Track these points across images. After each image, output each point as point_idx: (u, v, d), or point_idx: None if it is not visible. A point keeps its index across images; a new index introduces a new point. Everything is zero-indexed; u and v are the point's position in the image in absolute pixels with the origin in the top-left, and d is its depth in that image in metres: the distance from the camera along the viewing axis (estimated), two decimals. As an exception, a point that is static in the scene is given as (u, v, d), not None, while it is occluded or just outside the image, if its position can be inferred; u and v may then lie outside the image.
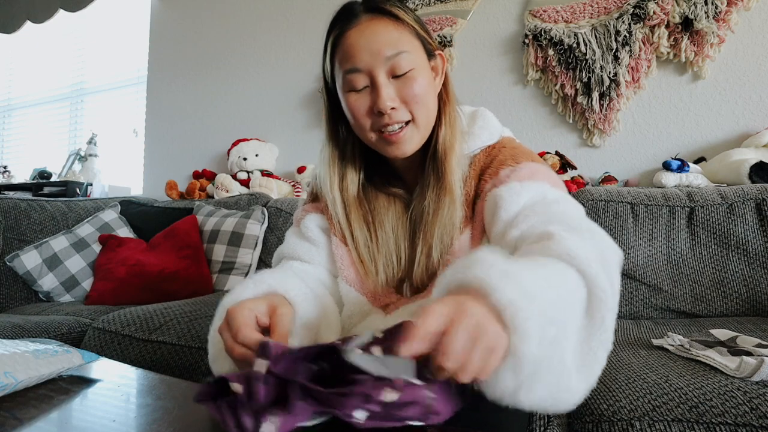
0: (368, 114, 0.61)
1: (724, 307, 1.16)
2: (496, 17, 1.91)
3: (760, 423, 0.59)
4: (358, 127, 0.64)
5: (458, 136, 0.65)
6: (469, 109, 0.73)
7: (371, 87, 0.61)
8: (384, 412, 0.35)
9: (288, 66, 2.36)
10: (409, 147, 0.63)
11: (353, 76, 0.61)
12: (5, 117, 3.67)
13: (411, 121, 0.62)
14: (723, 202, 1.22)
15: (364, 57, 0.59)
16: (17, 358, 0.52)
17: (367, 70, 0.60)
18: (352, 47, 0.60)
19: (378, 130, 0.62)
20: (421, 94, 0.61)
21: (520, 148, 0.66)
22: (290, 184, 2.17)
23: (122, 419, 0.45)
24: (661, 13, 1.58)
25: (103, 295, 1.59)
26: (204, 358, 0.98)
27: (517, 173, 0.59)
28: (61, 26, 3.30)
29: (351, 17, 0.61)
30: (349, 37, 0.60)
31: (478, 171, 0.65)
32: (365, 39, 0.60)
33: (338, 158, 0.69)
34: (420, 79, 0.61)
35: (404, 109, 0.61)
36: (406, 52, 0.60)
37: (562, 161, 1.64)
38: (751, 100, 1.54)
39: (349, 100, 0.62)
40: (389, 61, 0.59)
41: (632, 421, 0.63)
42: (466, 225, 0.64)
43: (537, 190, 0.57)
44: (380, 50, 0.59)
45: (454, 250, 0.63)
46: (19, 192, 2.66)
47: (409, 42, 0.61)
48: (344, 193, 0.69)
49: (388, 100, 0.59)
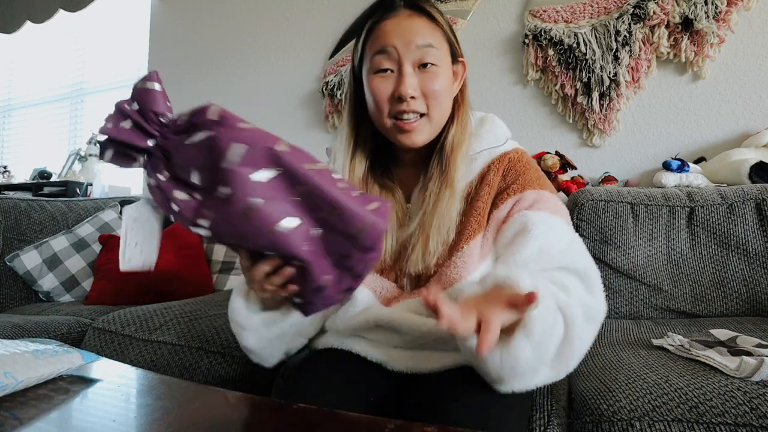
0: (389, 99, 0.65)
1: (724, 307, 1.16)
2: (496, 17, 1.91)
3: (760, 423, 0.59)
4: (377, 110, 0.67)
5: (467, 136, 0.69)
6: (479, 114, 0.77)
7: (397, 73, 0.64)
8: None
9: (288, 66, 2.36)
10: (419, 138, 0.66)
11: (381, 56, 0.64)
12: (5, 117, 3.67)
13: (425, 115, 0.66)
14: (723, 202, 1.22)
15: (396, 41, 0.63)
16: (17, 359, 0.52)
17: (396, 55, 0.64)
18: (387, 33, 0.64)
19: (394, 116, 0.66)
20: (439, 91, 0.65)
21: (540, 171, 0.71)
22: (290, 184, 2.17)
23: (122, 419, 0.45)
24: (661, 13, 1.58)
25: (103, 295, 1.59)
26: (204, 357, 0.98)
27: (545, 202, 0.65)
28: (61, 26, 3.30)
29: (390, 9, 0.66)
30: (386, 25, 0.65)
31: (498, 178, 0.68)
32: (401, 29, 0.64)
33: (353, 139, 0.73)
34: (441, 77, 0.65)
35: (422, 101, 0.65)
36: (435, 48, 0.64)
37: (562, 161, 1.64)
38: (751, 100, 1.54)
39: (373, 82, 0.66)
40: (419, 50, 0.63)
41: (632, 421, 0.63)
42: (478, 231, 0.66)
43: (560, 230, 0.64)
44: (412, 39, 0.63)
45: (464, 254, 0.65)
46: (19, 192, 2.67)
47: (439, 42, 0.66)
48: (351, 173, 0.71)
49: (410, 88, 0.63)
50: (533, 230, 0.61)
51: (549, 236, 0.62)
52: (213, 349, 0.99)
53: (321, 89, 2.20)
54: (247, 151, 0.41)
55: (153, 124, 0.45)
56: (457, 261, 0.65)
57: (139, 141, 0.45)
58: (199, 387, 0.55)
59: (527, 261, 0.60)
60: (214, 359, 0.98)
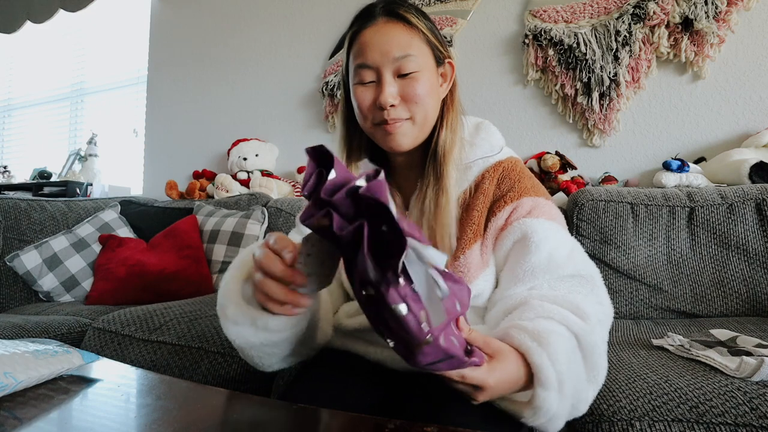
0: (371, 107, 0.66)
1: (724, 307, 1.16)
2: (496, 17, 1.91)
3: (760, 423, 0.59)
4: (362, 117, 0.68)
5: (458, 141, 0.69)
6: (473, 120, 0.76)
7: (377, 83, 0.65)
8: (383, 311, 0.35)
9: (288, 66, 2.36)
10: (404, 141, 0.67)
11: (363, 70, 0.65)
12: (5, 117, 3.67)
13: (409, 119, 0.66)
14: (723, 202, 1.22)
15: (375, 55, 0.64)
16: (17, 359, 0.52)
17: (375, 67, 0.64)
18: (366, 44, 0.65)
19: (378, 123, 0.66)
20: (421, 95, 0.65)
21: (534, 178, 0.72)
22: (290, 184, 2.17)
23: (122, 419, 0.45)
24: (661, 13, 1.58)
25: (103, 295, 1.59)
26: (204, 357, 0.98)
27: (542, 209, 0.65)
28: (61, 26, 3.30)
29: (369, 17, 0.66)
30: (365, 35, 0.65)
31: (492, 186, 0.69)
32: (378, 39, 0.64)
33: (347, 145, 0.74)
34: (423, 81, 0.65)
35: (404, 107, 0.65)
36: (413, 56, 0.64)
37: (562, 161, 1.64)
38: (751, 100, 1.53)
39: (356, 92, 0.67)
40: (396, 61, 0.64)
41: (632, 421, 0.63)
42: (474, 239, 0.67)
43: (560, 236, 0.65)
44: (389, 51, 0.64)
45: (461, 264, 0.66)
46: (19, 192, 2.66)
47: (418, 47, 0.65)
48: None
49: (389, 97, 0.64)
50: (533, 237, 0.62)
51: (553, 243, 0.63)
52: (213, 349, 0.99)
53: (321, 89, 2.20)
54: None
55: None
56: (455, 270, 0.66)
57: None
58: (199, 387, 0.55)
59: (535, 269, 0.62)
60: (214, 359, 0.98)
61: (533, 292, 0.61)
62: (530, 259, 0.62)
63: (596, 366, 0.53)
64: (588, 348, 0.53)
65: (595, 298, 0.60)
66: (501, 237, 0.66)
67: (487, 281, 0.66)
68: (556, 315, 0.54)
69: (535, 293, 0.60)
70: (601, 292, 0.62)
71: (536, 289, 0.61)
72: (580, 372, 0.52)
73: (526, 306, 0.58)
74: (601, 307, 0.60)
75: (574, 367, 0.51)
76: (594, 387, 0.54)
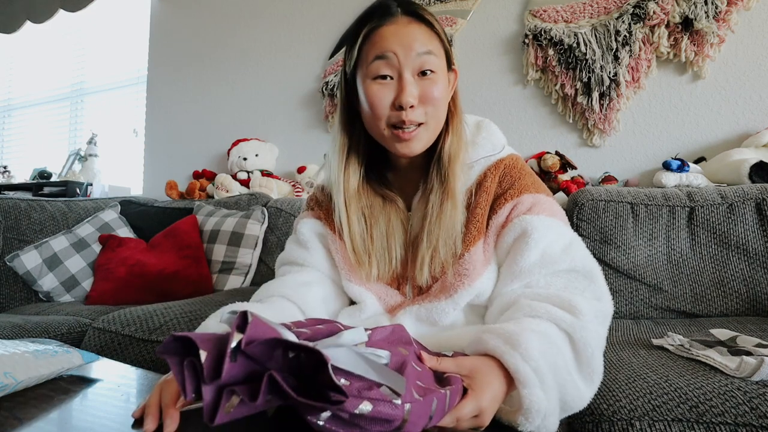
0: (390, 107, 0.63)
1: (724, 307, 1.16)
2: (496, 17, 1.91)
3: (760, 423, 0.59)
4: (374, 118, 0.64)
5: (463, 146, 0.69)
6: (474, 118, 0.76)
7: (397, 81, 0.63)
8: (349, 419, 0.33)
9: (288, 66, 2.36)
10: (417, 146, 0.65)
11: (380, 62, 0.62)
12: (5, 117, 3.67)
13: (423, 123, 0.64)
14: (723, 202, 1.22)
15: (396, 48, 0.62)
16: (17, 359, 0.52)
17: (396, 61, 0.62)
18: (386, 38, 0.63)
19: (392, 125, 0.64)
20: (439, 98, 0.64)
21: (534, 175, 0.71)
22: (290, 184, 2.17)
23: (122, 419, 0.45)
24: (661, 13, 1.58)
25: (103, 295, 1.59)
26: (204, 358, 0.98)
27: (542, 206, 0.65)
28: (61, 26, 3.30)
29: (388, 15, 0.64)
30: (385, 32, 0.63)
31: (494, 184, 0.68)
32: (401, 33, 0.63)
33: (347, 146, 0.71)
34: (440, 84, 0.64)
35: (421, 109, 0.63)
36: (434, 55, 0.63)
37: (562, 161, 1.64)
38: (751, 100, 1.54)
39: (371, 89, 0.63)
40: (419, 57, 0.62)
41: (632, 421, 0.63)
42: (478, 237, 0.66)
43: (559, 231, 0.64)
44: (413, 45, 0.62)
45: (466, 261, 0.65)
46: (19, 192, 2.66)
47: (437, 49, 0.65)
48: (347, 181, 0.70)
49: (410, 96, 0.62)
50: (534, 234, 0.62)
51: (549, 239, 0.62)
52: (213, 349, 0.99)
53: (321, 89, 2.20)
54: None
55: None
56: (459, 269, 0.65)
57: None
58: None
59: (532, 267, 0.61)
60: (214, 359, 0.98)
61: (527, 290, 0.61)
62: (527, 255, 0.62)
63: (591, 362, 0.53)
64: (580, 344, 0.52)
65: (591, 293, 0.60)
66: (502, 234, 0.65)
67: (490, 279, 0.66)
68: (543, 313, 0.54)
69: (528, 291, 0.60)
70: (598, 287, 0.61)
71: (532, 286, 0.61)
72: (562, 365, 0.51)
73: (515, 306, 0.58)
74: (599, 303, 0.59)
75: (552, 360, 0.49)
76: (590, 383, 0.54)
